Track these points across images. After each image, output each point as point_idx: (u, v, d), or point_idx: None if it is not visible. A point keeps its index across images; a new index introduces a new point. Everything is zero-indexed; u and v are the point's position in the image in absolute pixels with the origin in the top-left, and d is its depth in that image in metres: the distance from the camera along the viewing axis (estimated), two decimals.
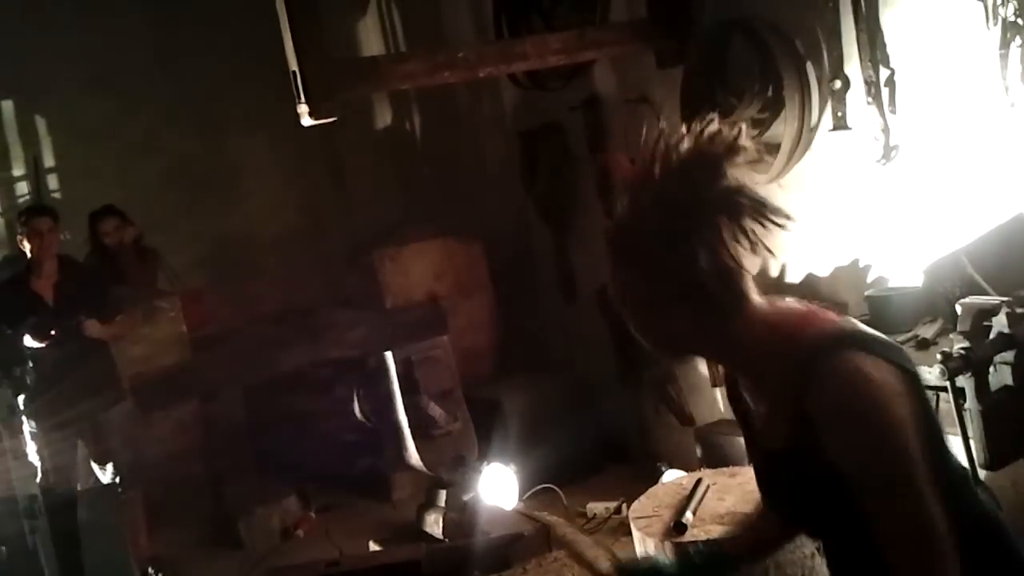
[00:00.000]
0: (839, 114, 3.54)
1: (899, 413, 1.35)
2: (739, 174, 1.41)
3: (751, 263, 1.43)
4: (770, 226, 1.41)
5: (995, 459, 2.41)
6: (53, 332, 4.48)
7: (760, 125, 3.85)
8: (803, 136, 3.69)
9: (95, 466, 4.63)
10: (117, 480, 4.50)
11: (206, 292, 6.35)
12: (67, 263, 4.80)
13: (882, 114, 3.35)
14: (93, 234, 5.64)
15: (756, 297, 1.47)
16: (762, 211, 1.41)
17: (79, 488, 4.39)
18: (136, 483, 4.61)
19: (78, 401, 4.54)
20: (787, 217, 1.43)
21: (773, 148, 3.78)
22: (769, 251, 1.42)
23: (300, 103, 3.55)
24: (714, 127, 1.42)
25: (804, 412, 1.39)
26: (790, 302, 1.51)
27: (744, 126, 1.43)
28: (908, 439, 1.34)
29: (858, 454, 1.36)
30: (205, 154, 7.06)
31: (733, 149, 1.41)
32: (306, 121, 3.61)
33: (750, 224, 1.40)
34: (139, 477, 4.64)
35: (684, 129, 1.44)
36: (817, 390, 1.37)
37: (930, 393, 2.82)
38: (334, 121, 3.64)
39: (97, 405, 4.59)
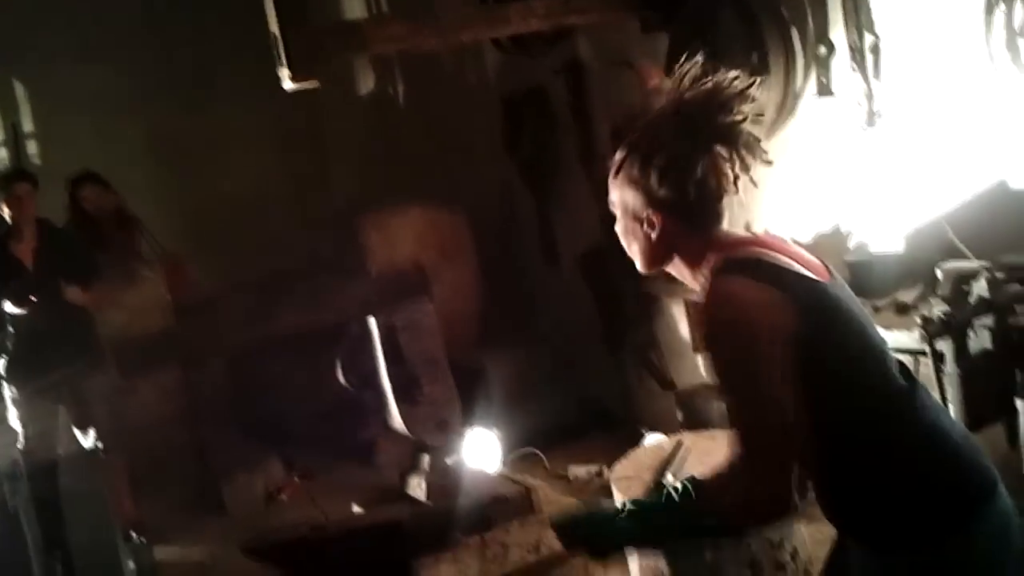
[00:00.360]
0: (823, 80, 3.54)
1: (757, 329, 1.58)
2: (745, 112, 1.68)
3: (733, 190, 1.70)
4: (758, 159, 1.70)
5: (973, 422, 2.44)
6: (33, 297, 4.46)
7: None
8: (787, 102, 3.69)
9: (77, 432, 4.62)
10: (99, 446, 4.49)
11: (188, 259, 6.30)
12: (47, 228, 4.77)
13: (866, 80, 3.35)
14: (73, 200, 5.58)
15: (726, 224, 1.75)
16: (754, 145, 1.69)
17: (61, 454, 4.38)
18: (118, 449, 4.61)
19: (58, 366, 4.53)
20: (769, 161, 1.72)
21: (757, 115, 3.78)
22: (753, 182, 1.71)
23: (281, 66, 3.51)
24: (736, 75, 1.69)
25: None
26: (745, 235, 1.76)
27: (759, 79, 1.70)
28: (761, 352, 1.57)
29: (715, 357, 1.65)
30: (188, 121, 7.00)
31: (744, 96, 1.68)
32: (287, 85, 3.58)
33: (743, 154, 1.68)
34: (121, 443, 4.64)
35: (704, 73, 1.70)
36: (702, 304, 1.66)
37: (908, 357, 2.88)
38: (316, 86, 3.60)
39: (78, 371, 4.58)
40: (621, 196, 1.77)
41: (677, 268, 1.79)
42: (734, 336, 1.60)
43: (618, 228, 1.81)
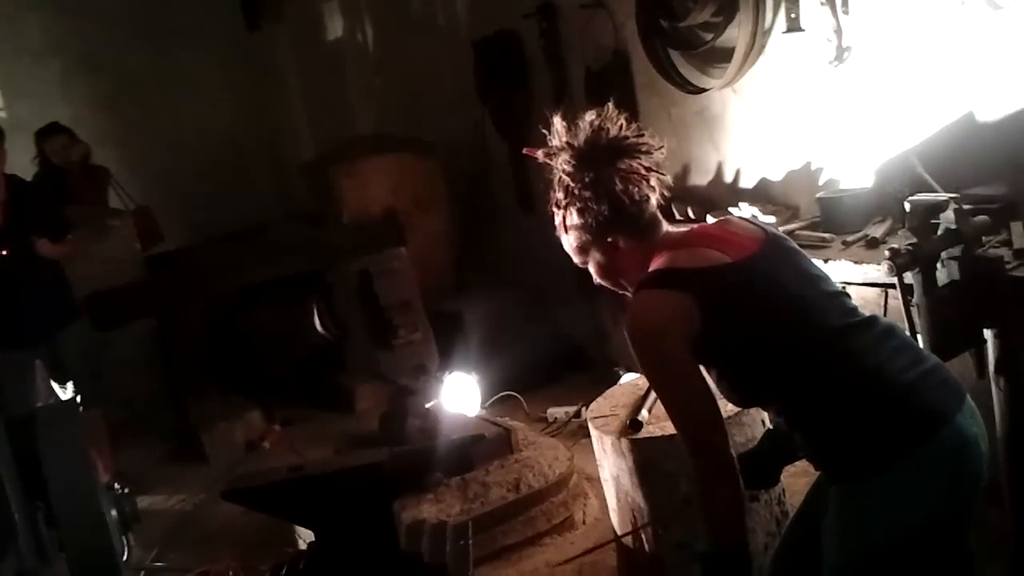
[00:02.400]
0: (792, 16, 3.52)
1: (658, 335, 1.84)
2: (615, 127, 1.96)
3: (654, 190, 1.97)
4: (652, 151, 1.96)
5: (942, 352, 2.46)
6: (3, 252, 4.42)
7: (714, 29, 3.83)
8: (757, 39, 3.68)
9: (55, 385, 4.60)
10: (77, 398, 4.47)
11: (157, 209, 6.25)
12: (15, 183, 4.70)
13: (835, 15, 3.34)
14: (40, 153, 5.52)
15: (666, 226, 2.01)
16: (641, 145, 1.96)
17: (39, 406, 4.37)
18: (96, 401, 4.60)
19: (33, 320, 4.50)
20: (659, 146, 1.98)
21: (728, 52, 3.77)
22: (661, 173, 1.99)
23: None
24: (592, 113, 1.98)
25: None
26: (679, 237, 2.00)
27: (607, 111, 1.99)
28: (667, 354, 1.83)
29: (638, 363, 1.91)
30: (152, 68, 6.89)
31: (607, 119, 1.97)
32: None
33: (637, 157, 1.94)
34: (99, 394, 4.63)
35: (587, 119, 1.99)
36: None
37: (877, 291, 2.92)
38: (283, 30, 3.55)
39: (52, 324, 4.56)
40: (580, 245, 2.03)
41: (641, 274, 1.99)
42: (641, 347, 1.86)
43: (596, 275, 2.07)
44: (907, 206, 2.76)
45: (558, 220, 2.05)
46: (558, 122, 2.00)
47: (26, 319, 4.49)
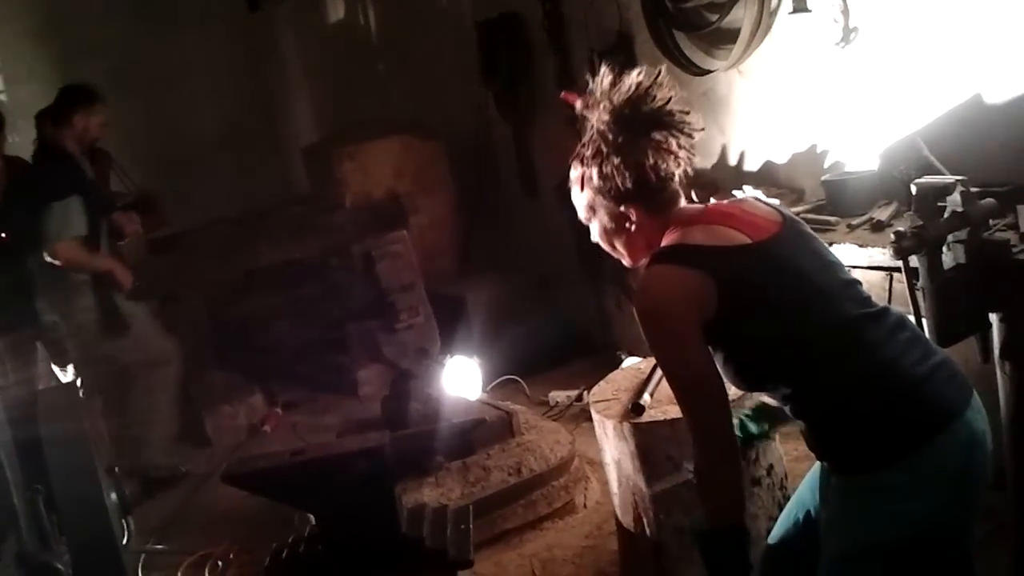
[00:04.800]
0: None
1: (668, 313, 1.78)
2: (664, 96, 1.86)
3: (683, 165, 1.89)
4: (692, 134, 1.89)
5: (946, 337, 2.45)
6: (3, 235, 4.40)
7: (719, 10, 3.80)
8: (763, 20, 3.64)
9: (56, 368, 4.60)
10: (79, 381, 4.47)
11: (160, 193, 6.23)
12: (16, 165, 4.68)
13: None
14: (40, 135, 5.49)
15: (683, 204, 1.94)
16: (684, 120, 1.87)
17: (40, 389, 4.36)
18: (99, 385, 4.59)
19: (34, 304, 4.49)
20: (700, 128, 1.90)
21: (733, 33, 3.74)
22: (692, 154, 1.90)
23: None
24: (639, 71, 1.88)
25: None
26: (694, 213, 1.92)
27: (662, 72, 1.89)
28: (675, 331, 1.78)
29: (645, 339, 1.83)
30: (153, 51, 6.86)
31: (656, 84, 1.86)
32: None
33: (677, 131, 1.87)
34: (102, 379, 4.62)
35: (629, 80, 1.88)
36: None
37: (882, 274, 2.89)
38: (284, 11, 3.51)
39: (54, 308, 4.54)
40: (592, 207, 1.97)
41: (651, 249, 1.93)
42: (651, 322, 1.80)
43: (596, 236, 2.01)
44: (913, 189, 2.73)
45: (576, 173, 1.98)
46: (605, 73, 1.89)
47: (28, 303, 4.48)
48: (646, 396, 2.91)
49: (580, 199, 1.99)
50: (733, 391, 1.97)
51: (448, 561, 2.46)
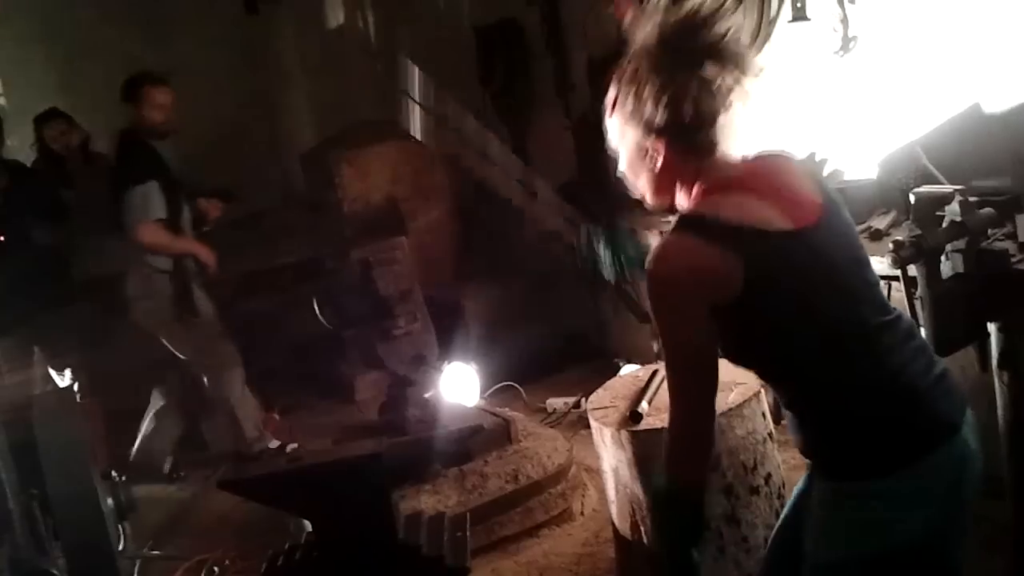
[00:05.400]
0: (798, 5, 3.49)
1: (682, 289, 1.64)
2: (726, 27, 1.66)
3: (728, 108, 1.68)
4: (748, 73, 1.68)
5: (945, 346, 2.45)
6: (1, 237, 4.40)
7: None
8: (763, 28, 3.64)
9: (53, 372, 4.59)
10: (75, 385, 4.46)
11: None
12: (14, 169, 4.69)
13: (841, 5, 3.32)
14: (39, 139, 5.50)
15: (722, 156, 1.72)
16: (743, 58, 1.68)
17: (36, 394, 4.35)
18: (95, 388, 4.58)
19: (32, 307, 4.48)
20: (759, 69, 1.70)
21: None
22: (748, 98, 1.69)
23: None
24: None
25: None
26: (735, 176, 1.72)
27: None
28: (684, 310, 1.65)
29: (650, 305, 1.71)
30: (151, 53, 6.85)
31: (721, 12, 1.67)
32: None
33: (732, 70, 1.66)
34: (98, 382, 4.61)
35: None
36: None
37: (882, 283, 2.89)
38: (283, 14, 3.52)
39: (50, 310, 4.54)
40: (620, 133, 1.78)
41: (678, 198, 1.80)
42: (659, 292, 1.68)
43: (622, 167, 1.83)
44: (912, 198, 2.74)
45: (611, 95, 1.78)
46: None
47: (25, 305, 4.47)
48: (644, 404, 2.90)
49: (611, 122, 1.80)
50: (731, 400, 1.94)
51: (445, 568, 2.44)
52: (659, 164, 1.74)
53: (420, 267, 4.49)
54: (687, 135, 1.70)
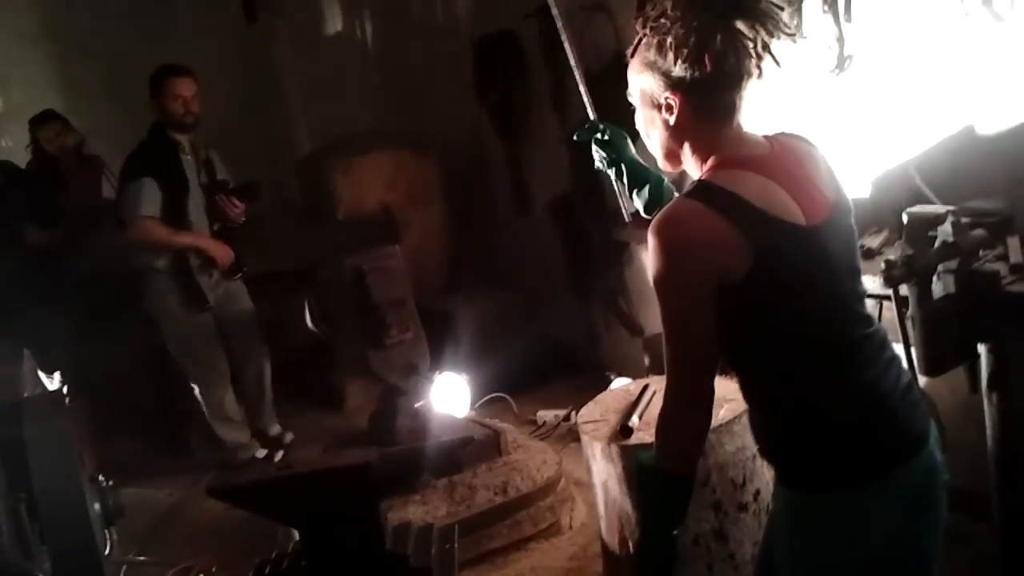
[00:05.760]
0: (795, 22, 3.51)
1: (689, 257, 1.56)
2: None
3: (755, 72, 1.60)
4: (780, 34, 1.59)
5: (934, 366, 2.46)
6: None
7: None
8: None
9: (42, 375, 4.58)
10: (64, 388, 4.45)
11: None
12: (8, 170, 4.69)
13: (837, 23, 3.33)
14: (34, 141, 5.49)
15: (741, 128, 1.67)
16: (777, 17, 1.59)
17: (26, 396, 4.34)
18: (84, 392, 4.57)
19: (23, 309, 4.47)
20: (795, 32, 1.65)
21: None
22: (776, 61, 1.60)
23: None
24: None
25: None
26: (756, 154, 1.66)
27: None
28: (689, 280, 1.56)
29: (652, 267, 1.59)
30: (148, 58, 6.84)
31: None
32: None
33: (764, 29, 1.58)
34: (87, 386, 4.60)
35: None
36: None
37: (872, 302, 2.90)
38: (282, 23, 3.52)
39: (42, 313, 4.53)
40: (638, 82, 1.70)
41: (688, 165, 1.74)
42: (664, 258, 1.57)
43: (637, 120, 1.75)
44: (904, 218, 2.75)
45: (635, 42, 1.69)
46: None
47: (16, 307, 4.47)
48: (635, 418, 2.90)
49: (631, 69, 1.71)
50: (722, 414, 1.93)
51: None
52: (672, 121, 1.66)
53: (412, 275, 4.50)
54: (706, 93, 1.62)
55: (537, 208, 5.41)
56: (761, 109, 1.68)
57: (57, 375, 4.54)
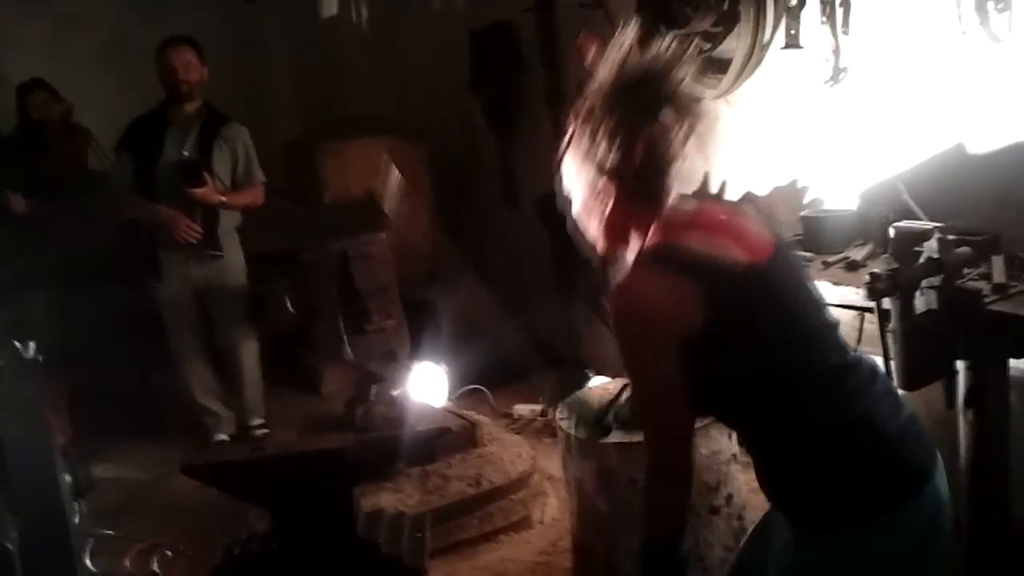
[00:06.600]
0: (792, 32, 3.51)
1: (651, 322, 1.61)
2: (684, 73, 1.68)
3: (682, 155, 1.69)
4: (699, 121, 1.69)
5: (913, 380, 2.48)
6: None
7: (713, 39, 3.82)
8: (755, 53, 3.66)
9: (16, 343, 4.53)
10: (39, 358, 4.40)
11: None
12: None
13: (835, 35, 3.34)
14: (20, 108, 5.44)
15: (673, 198, 1.73)
16: (694, 109, 1.69)
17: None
18: (59, 363, 4.53)
19: (2, 275, 4.43)
20: (707, 113, 1.71)
21: (724, 63, 3.76)
22: (697, 144, 1.70)
23: None
24: (671, 39, 1.69)
25: None
26: (688, 216, 1.73)
27: (693, 45, 1.73)
28: (653, 344, 1.61)
29: (617, 341, 1.66)
30: (141, 30, 6.79)
31: (681, 60, 1.68)
32: None
33: (688, 118, 1.68)
34: (62, 357, 4.55)
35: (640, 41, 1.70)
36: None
37: (853, 314, 2.92)
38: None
39: (20, 280, 4.48)
40: (573, 173, 1.77)
41: (632, 240, 1.78)
42: (629, 330, 1.65)
43: (574, 211, 1.81)
44: (891, 232, 2.77)
45: (569, 130, 1.76)
46: (632, 28, 1.69)
47: None
48: (611, 416, 2.91)
49: (564, 161, 1.79)
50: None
51: (402, 569, 2.44)
52: (609, 208, 1.73)
53: (397, 262, 4.49)
54: (642, 180, 1.69)
55: (526, 201, 5.40)
56: (698, 173, 1.75)
57: (32, 344, 4.49)
